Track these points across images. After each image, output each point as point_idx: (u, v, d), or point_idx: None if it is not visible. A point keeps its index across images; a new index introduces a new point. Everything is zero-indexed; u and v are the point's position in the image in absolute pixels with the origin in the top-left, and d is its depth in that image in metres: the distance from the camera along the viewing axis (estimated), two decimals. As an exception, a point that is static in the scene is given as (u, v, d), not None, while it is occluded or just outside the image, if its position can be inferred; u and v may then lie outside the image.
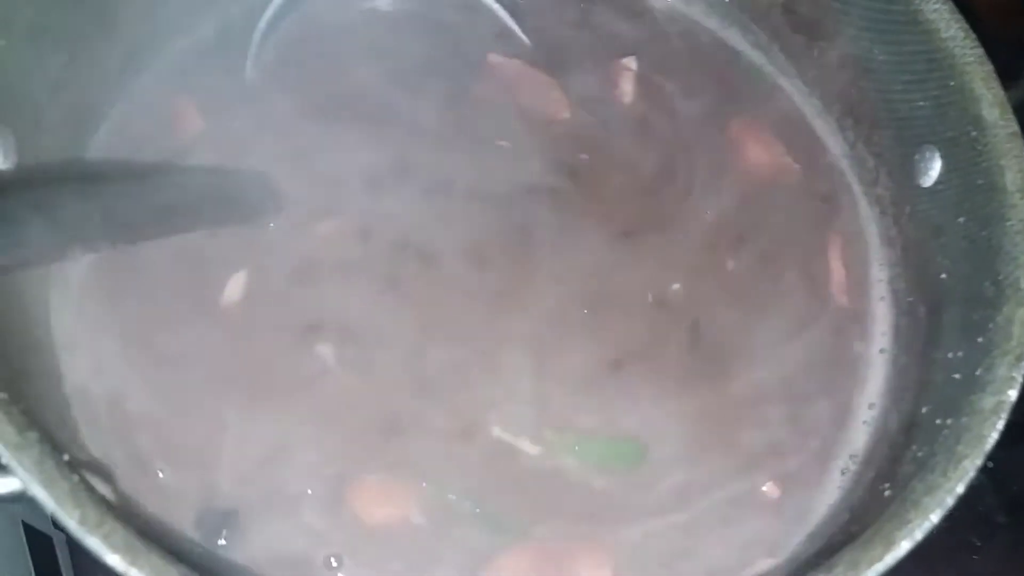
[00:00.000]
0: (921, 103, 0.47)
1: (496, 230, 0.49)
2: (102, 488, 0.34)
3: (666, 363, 0.46)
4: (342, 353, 0.45)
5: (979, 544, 0.62)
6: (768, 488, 0.43)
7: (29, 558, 0.50)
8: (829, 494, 0.44)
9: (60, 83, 0.44)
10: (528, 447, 0.43)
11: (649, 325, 0.47)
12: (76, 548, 0.55)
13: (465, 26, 0.55)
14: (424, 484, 0.42)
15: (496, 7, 0.55)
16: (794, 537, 0.43)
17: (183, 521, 0.40)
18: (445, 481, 0.42)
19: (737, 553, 0.42)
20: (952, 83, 0.44)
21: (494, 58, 0.54)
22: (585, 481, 0.43)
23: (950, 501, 0.33)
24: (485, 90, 0.53)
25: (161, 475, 0.41)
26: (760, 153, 0.54)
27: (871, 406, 0.47)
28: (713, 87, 0.56)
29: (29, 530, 0.51)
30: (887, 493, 0.37)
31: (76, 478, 0.30)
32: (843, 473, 0.45)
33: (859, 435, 0.46)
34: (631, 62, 0.55)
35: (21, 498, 0.30)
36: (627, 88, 0.55)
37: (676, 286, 0.49)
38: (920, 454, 0.36)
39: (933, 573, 0.61)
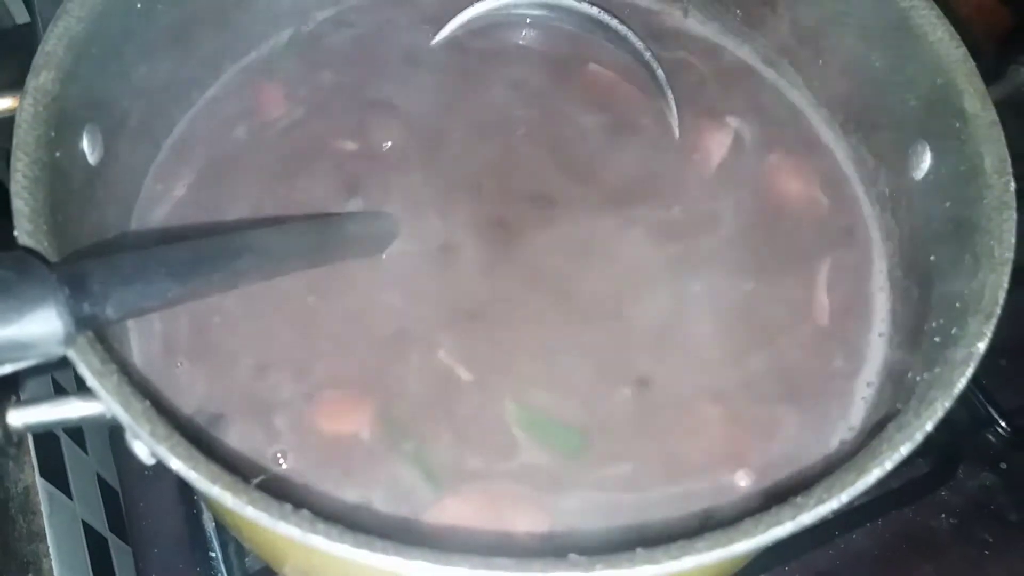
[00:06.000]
0: (913, 102, 0.50)
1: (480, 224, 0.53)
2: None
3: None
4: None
5: (991, 541, 0.65)
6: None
7: (87, 554, 0.56)
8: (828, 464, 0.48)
9: (142, 88, 0.50)
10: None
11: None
12: (129, 499, 0.63)
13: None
14: (381, 411, 0.47)
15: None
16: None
17: (186, 408, 0.46)
18: (403, 415, 0.47)
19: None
20: (939, 81, 0.48)
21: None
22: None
23: (919, 437, 0.36)
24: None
25: (179, 367, 0.48)
26: (782, 164, 0.58)
27: (869, 384, 0.50)
28: (740, 106, 0.60)
29: (88, 529, 0.57)
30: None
31: (147, 402, 0.35)
32: (841, 444, 0.48)
33: (858, 411, 0.49)
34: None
35: (103, 419, 0.35)
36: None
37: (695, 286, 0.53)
38: (899, 406, 0.40)
39: (947, 570, 0.63)
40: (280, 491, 0.43)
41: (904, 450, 0.35)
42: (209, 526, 0.59)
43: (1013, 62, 0.48)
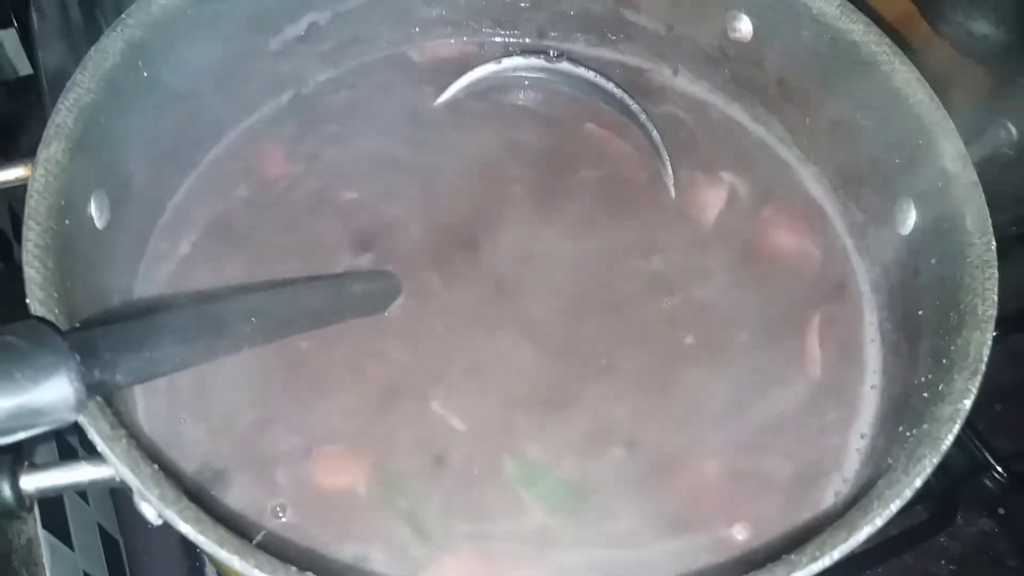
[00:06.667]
0: (897, 160, 0.52)
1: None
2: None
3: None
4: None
5: (991, 587, 0.65)
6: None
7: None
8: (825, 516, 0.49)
9: (147, 153, 0.52)
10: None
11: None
12: (131, 549, 0.63)
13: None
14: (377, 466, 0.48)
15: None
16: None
17: (188, 465, 0.47)
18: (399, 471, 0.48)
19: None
20: (921, 142, 0.50)
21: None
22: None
23: (908, 494, 0.37)
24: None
25: (183, 423, 0.49)
26: (774, 219, 0.59)
27: (862, 436, 0.51)
28: (732, 162, 0.61)
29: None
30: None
31: (156, 465, 0.36)
32: (836, 496, 0.49)
33: (851, 463, 0.50)
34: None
35: (112, 482, 0.36)
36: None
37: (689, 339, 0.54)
38: (891, 461, 0.41)
39: (947, 615, 0.64)
40: (280, 546, 0.44)
41: (894, 507, 0.36)
42: (211, 579, 0.60)
43: (993, 123, 0.50)
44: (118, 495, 0.65)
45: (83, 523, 0.60)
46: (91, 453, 0.37)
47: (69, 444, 0.62)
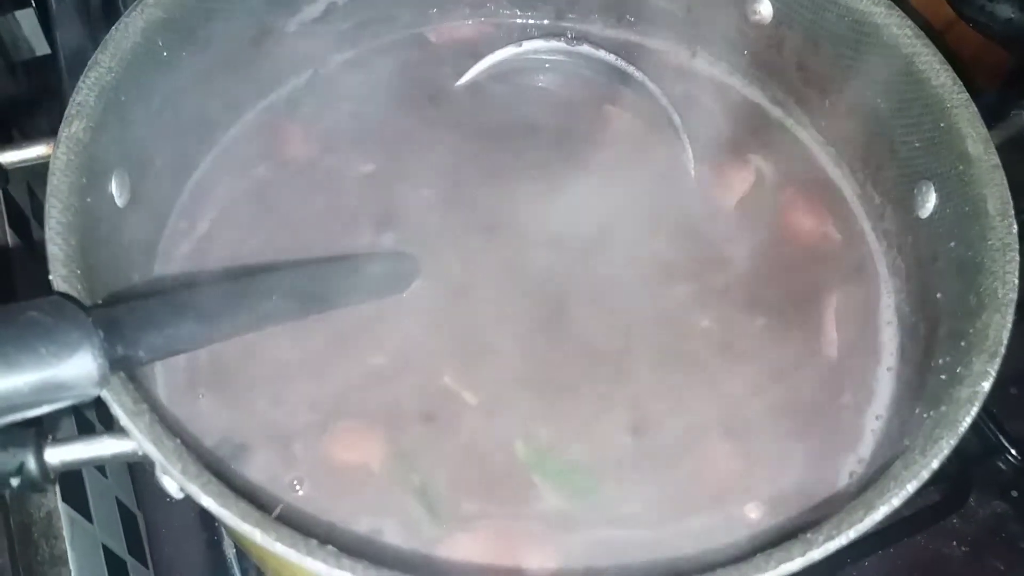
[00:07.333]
0: (917, 143, 0.52)
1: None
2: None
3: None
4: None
5: (1003, 569, 0.65)
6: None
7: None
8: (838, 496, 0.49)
9: (167, 131, 0.52)
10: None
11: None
12: (150, 522, 0.64)
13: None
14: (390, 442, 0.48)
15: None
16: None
17: (207, 439, 0.48)
18: (412, 448, 0.48)
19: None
20: (943, 124, 0.50)
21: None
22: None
23: (925, 475, 0.37)
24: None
25: (201, 398, 0.49)
26: (795, 201, 0.59)
27: (878, 417, 0.51)
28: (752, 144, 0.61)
29: (108, 552, 0.58)
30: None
31: (178, 440, 0.36)
32: (851, 476, 0.49)
33: (867, 444, 0.50)
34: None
35: (134, 456, 0.36)
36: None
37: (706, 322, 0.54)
38: (907, 442, 0.41)
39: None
40: (297, 519, 0.45)
41: (911, 487, 0.36)
42: (230, 552, 0.60)
43: (1015, 106, 0.49)
44: (136, 469, 0.66)
45: (102, 496, 0.61)
46: (109, 428, 0.37)
47: (87, 419, 0.63)
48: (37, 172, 0.46)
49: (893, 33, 0.52)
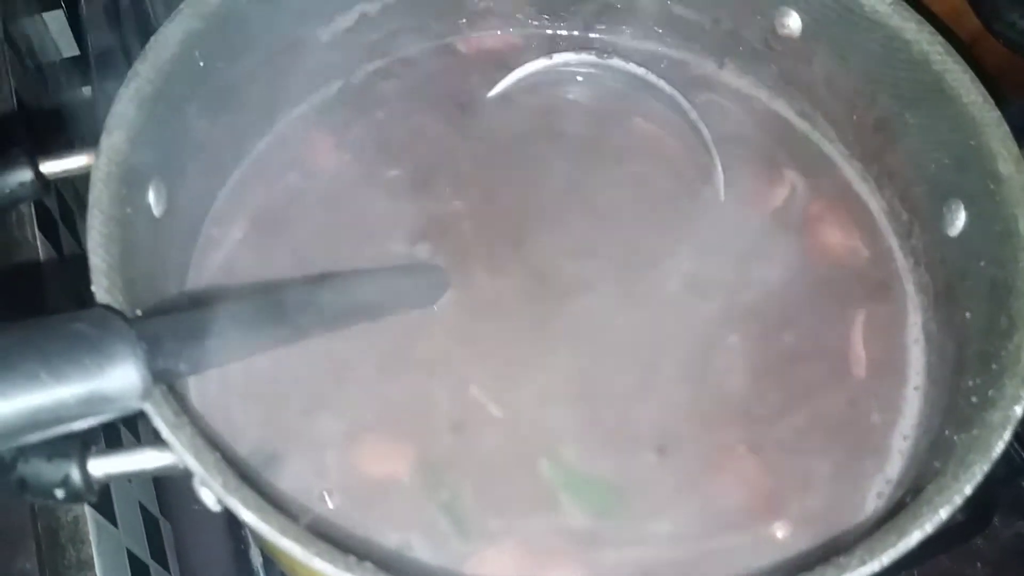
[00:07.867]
0: (946, 161, 0.52)
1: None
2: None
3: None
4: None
5: (1026, 585, 0.65)
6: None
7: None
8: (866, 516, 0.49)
9: (201, 141, 0.52)
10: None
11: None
12: (178, 531, 0.65)
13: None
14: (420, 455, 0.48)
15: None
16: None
17: (240, 448, 0.48)
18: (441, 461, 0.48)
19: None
20: (972, 142, 0.49)
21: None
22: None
23: (958, 500, 0.37)
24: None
25: (234, 408, 0.49)
26: (824, 216, 0.59)
27: (905, 437, 0.51)
28: (781, 158, 0.61)
29: (132, 557, 0.59)
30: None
31: (218, 453, 0.36)
32: (879, 496, 0.49)
33: (894, 464, 0.50)
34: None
35: (175, 469, 0.37)
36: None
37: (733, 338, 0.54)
38: (937, 464, 0.41)
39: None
40: (327, 531, 0.45)
41: (943, 513, 0.37)
42: (256, 561, 0.61)
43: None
44: (158, 476, 0.66)
45: (126, 502, 0.62)
46: (137, 439, 0.38)
47: (116, 429, 0.63)
48: (70, 180, 0.46)
49: (923, 49, 0.52)
